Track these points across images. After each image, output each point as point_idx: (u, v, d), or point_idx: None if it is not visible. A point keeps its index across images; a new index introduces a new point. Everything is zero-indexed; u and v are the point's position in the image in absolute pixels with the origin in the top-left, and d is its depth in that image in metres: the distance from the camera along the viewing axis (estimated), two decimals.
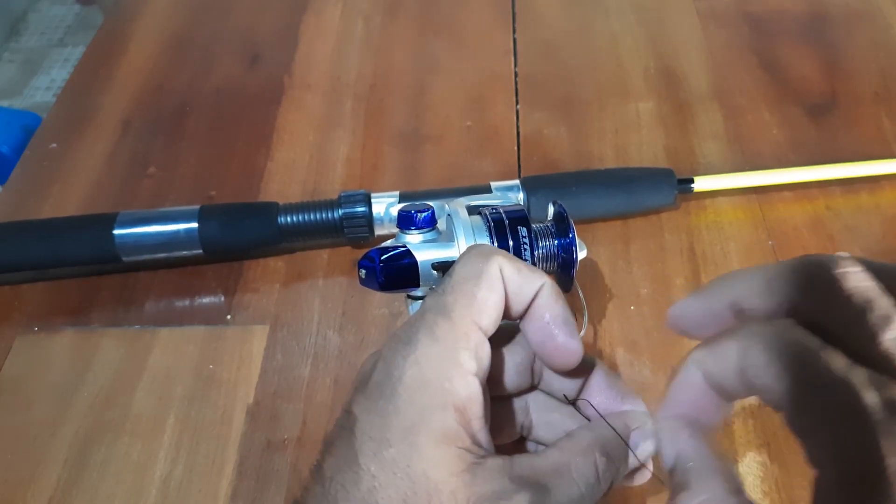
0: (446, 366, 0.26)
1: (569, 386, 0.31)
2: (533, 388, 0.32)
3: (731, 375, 0.25)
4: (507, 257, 0.28)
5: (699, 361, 0.26)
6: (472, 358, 0.26)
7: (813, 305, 0.24)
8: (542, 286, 0.28)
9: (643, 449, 0.28)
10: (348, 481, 0.25)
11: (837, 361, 0.21)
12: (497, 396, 0.31)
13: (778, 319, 0.24)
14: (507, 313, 0.29)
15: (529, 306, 0.29)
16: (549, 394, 0.32)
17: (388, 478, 0.24)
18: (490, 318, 0.27)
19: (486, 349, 0.27)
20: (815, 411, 0.21)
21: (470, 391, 0.26)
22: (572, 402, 0.31)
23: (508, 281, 0.28)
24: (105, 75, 0.62)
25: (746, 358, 0.24)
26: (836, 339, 0.22)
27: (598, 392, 0.31)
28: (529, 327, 0.29)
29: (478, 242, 0.35)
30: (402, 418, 0.25)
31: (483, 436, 0.26)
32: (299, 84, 0.60)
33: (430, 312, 0.27)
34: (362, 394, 0.26)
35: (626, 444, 0.28)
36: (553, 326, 0.28)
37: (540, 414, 0.32)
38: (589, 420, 0.30)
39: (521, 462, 0.26)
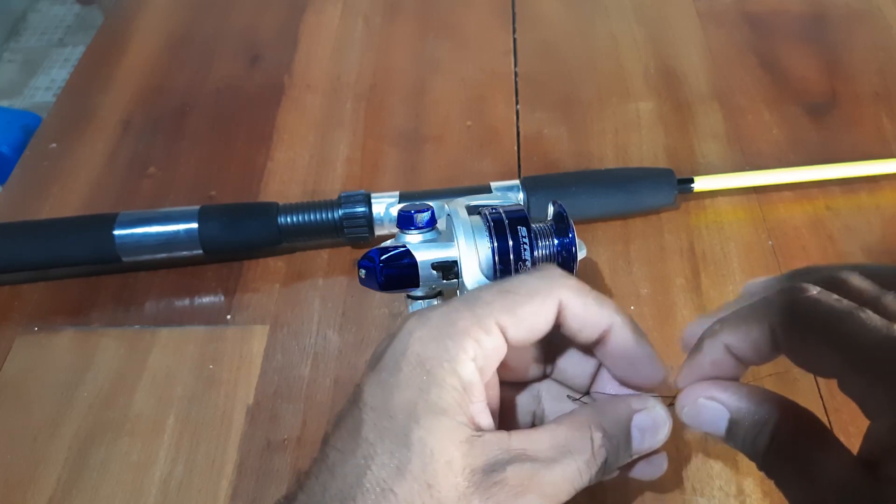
0: (450, 347, 0.26)
1: (581, 374, 0.31)
2: (545, 377, 0.32)
3: (754, 348, 0.26)
4: (576, 292, 0.28)
5: (719, 335, 0.27)
6: (478, 351, 0.26)
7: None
8: (612, 325, 0.28)
9: (648, 429, 0.28)
10: (347, 448, 0.25)
11: (874, 319, 0.23)
12: (508, 383, 0.31)
13: (793, 287, 0.25)
14: (574, 341, 0.29)
15: (601, 339, 0.29)
16: (562, 383, 0.32)
17: (384, 445, 0.25)
18: (521, 334, 0.27)
19: (500, 352, 0.27)
20: (870, 368, 0.22)
21: (472, 377, 0.26)
22: (580, 397, 0.31)
23: (571, 316, 0.28)
24: (105, 75, 0.62)
25: (778, 332, 0.25)
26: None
27: (610, 378, 0.31)
28: (607, 360, 0.30)
29: (477, 242, 0.35)
30: (404, 391, 0.25)
31: (484, 419, 0.26)
32: (299, 84, 0.60)
33: (459, 300, 0.27)
34: (371, 369, 0.27)
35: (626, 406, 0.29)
36: (637, 366, 0.29)
37: (552, 403, 0.32)
38: None
39: (520, 436, 0.26)
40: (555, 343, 0.32)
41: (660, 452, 0.30)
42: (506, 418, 0.31)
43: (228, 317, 0.45)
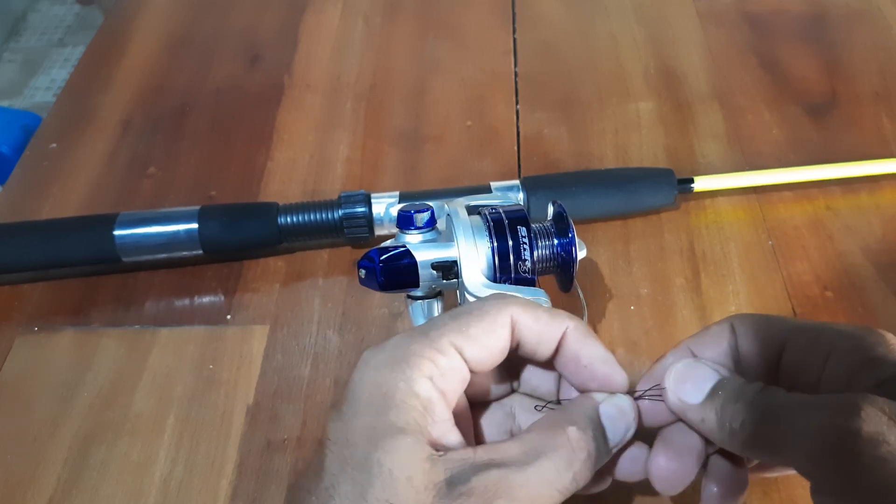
0: (405, 368, 0.26)
1: (547, 382, 0.31)
2: (513, 391, 0.32)
3: (716, 356, 0.28)
4: (525, 307, 0.28)
5: (690, 341, 0.29)
6: (435, 371, 0.26)
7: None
8: (566, 330, 0.29)
9: (616, 418, 0.28)
10: (312, 486, 0.25)
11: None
12: (478, 403, 0.31)
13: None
14: (533, 359, 0.29)
15: (559, 349, 0.29)
16: (531, 395, 0.32)
17: (346, 474, 0.24)
18: (479, 353, 0.27)
19: (460, 373, 0.27)
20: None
21: (430, 394, 0.26)
22: (546, 405, 0.31)
23: (525, 331, 0.28)
24: (105, 75, 0.62)
25: (743, 340, 0.28)
26: None
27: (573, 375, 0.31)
28: (565, 371, 0.30)
29: (477, 242, 0.35)
30: (363, 419, 0.25)
31: (452, 438, 0.26)
32: (299, 84, 0.60)
33: (414, 329, 0.28)
34: (333, 408, 0.27)
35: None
36: (593, 368, 0.29)
37: (526, 416, 0.32)
38: None
39: (487, 448, 0.26)
40: (517, 357, 0.31)
41: (640, 446, 0.30)
42: (481, 439, 0.31)
43: (228, 317, 0.45)
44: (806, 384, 0.26)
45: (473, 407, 0.31)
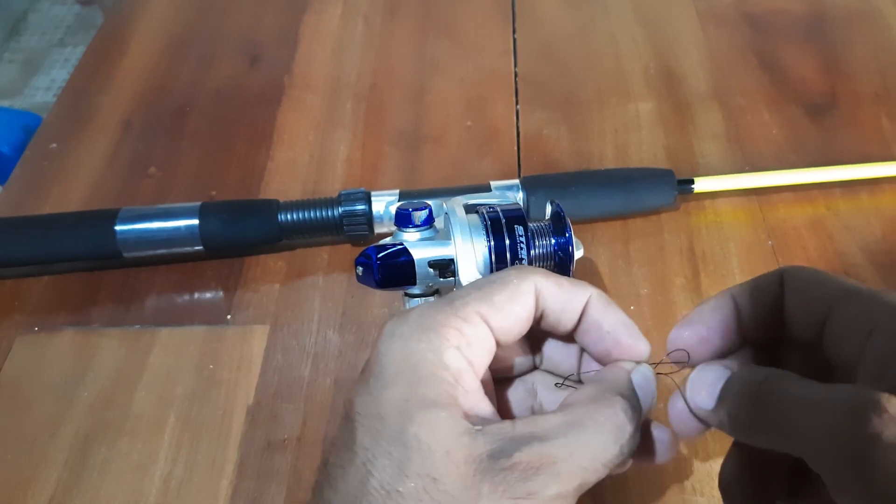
0: (432, 339, 0.25)
1: (569, 358, 0.31)
2: (535, 368, 0.32)
3: (760, 307, 0.27)
4: (547, 276, 0.28)
5: (734, 290, 0.28)
6: (462, 340, 0.26)
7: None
8: (589, 297, 0.28)
9: (644, 387, 0.28)
10: (345, 460, 0.25)
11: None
12: (500, 379, 0.31)
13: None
14: (556, 331, 0.29)
15: (581, 319, 0.28)
16: (552, 372, 0.32)
17: (380, 448, 0.24)
18: (504, 321, 0.27)
19: (486, 342, 0.27)
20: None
21: (459, 365, 0.25)
22: (565, 379, 0.31)
23: (550, 298, 0.28)
24: (105, 75, 0.62)
25: (791, 295, 0.26)
26: None
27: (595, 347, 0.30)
28: (587, 339, 0.29)
29: (474, 241, 0.35)
30: (393, 391, 0.25)
31: (484, 408, 0.26)
32: (299, 84, 0.60)
33: (436, 300, 0.27)
34: (359, 382, 0.26)
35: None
36: (616, 335, 0.28)
37: (547, 392, 0.31)
38: None
39: (528, 421, 0.25)
40: (538, 333, 0.31)
41: (663, 429, 0.29)
42: (504, 414, 0.30)
43: (228, 316, 0.45)
44: (850, 354, 0.24)
45: (496, 382, 0.30)
